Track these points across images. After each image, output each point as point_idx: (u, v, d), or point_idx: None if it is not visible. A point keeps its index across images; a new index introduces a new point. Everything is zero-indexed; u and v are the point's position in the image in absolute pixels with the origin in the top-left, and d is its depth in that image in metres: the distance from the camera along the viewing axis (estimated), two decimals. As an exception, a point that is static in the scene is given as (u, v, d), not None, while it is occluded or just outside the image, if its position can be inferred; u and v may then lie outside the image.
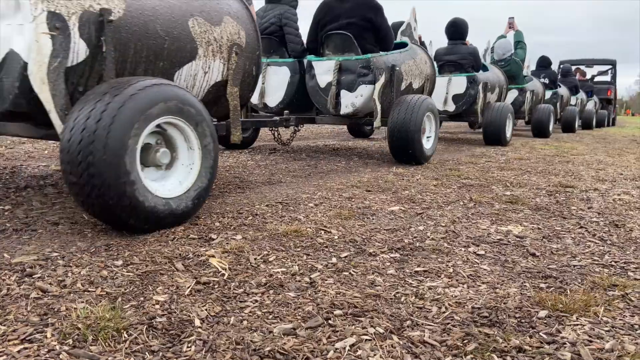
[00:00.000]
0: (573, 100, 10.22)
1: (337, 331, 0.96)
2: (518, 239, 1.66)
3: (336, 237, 1.64)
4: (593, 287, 1.21)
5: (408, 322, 1.02)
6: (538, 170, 3.42)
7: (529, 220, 1.94)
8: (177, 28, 1.94)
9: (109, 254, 1.38)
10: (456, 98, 5.37)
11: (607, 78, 14.89)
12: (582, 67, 13.45)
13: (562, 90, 9.36)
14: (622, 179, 3.05)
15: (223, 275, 1.25)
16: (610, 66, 14.84)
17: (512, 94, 6.73)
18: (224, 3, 2.24)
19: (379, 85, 3.50)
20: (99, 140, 1.38)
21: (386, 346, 0.91)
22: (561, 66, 12.02)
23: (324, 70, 3.65)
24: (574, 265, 1.39)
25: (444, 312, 1.07)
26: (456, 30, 5.51)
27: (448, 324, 1.02)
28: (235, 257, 1.39)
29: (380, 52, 3.64)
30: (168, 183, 1.71)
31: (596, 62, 14.73)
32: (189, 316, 1.02)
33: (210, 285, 1.19)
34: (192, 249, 1.44)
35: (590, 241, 1.64)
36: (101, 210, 1.47)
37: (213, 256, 1.37)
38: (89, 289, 1.15)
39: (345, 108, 3.62)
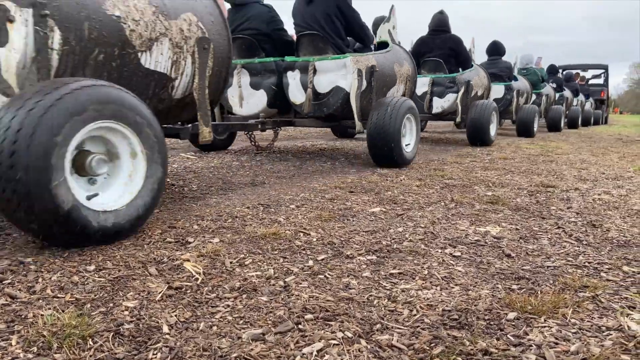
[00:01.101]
0: (575, 102, 12.03)
1: (306, 336, 0.96)
2: (495, 239, 1.67)
3: (315, 239, 1.64)
4: (564, 289, 1.22)
5: (378, 326, 1.02)
6: (521, 170, 3.44)
7: (507, 220, 1.95)
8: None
9: (82, 259, 1.37)
10: (496, 101, 6.51)
11: (601, 81, 16.78)
12: (580, 72, 15.14)
13: (567, 93, 11.28)
14: (604, 179, 3.08)
15: (197, 279, 1.25)
16: (603, 70, 16.65)
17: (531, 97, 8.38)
18: None
19: (460, 93, 5.33)
20: (22, 141, 1.25)
21: (353, 351, 0.91)
22: (564, 72, 13.54)
23: (421, 84, 5.25)
24: (548, 266, 1.40)
25: (414, 315, 1.07)
26: (496, 48, 7.32)
27: (418, 327, 1.02)
28: (211, 261, 1.38)
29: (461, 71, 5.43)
30: (106, 194, 1.54)
31: (590, 66, 16.62)
32: (158, 322, 1.01)
33: (183, 290, 1.18)
34: (167, 253, 1.43)
35: (566, 242, 1.66)
36: (22, 218, 1.31)
37: (188, 260, 1.37)
38: (59, 295, 1.14)
39: (436, 109, 5.41)
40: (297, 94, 3.64)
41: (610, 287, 1.24)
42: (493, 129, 5.39)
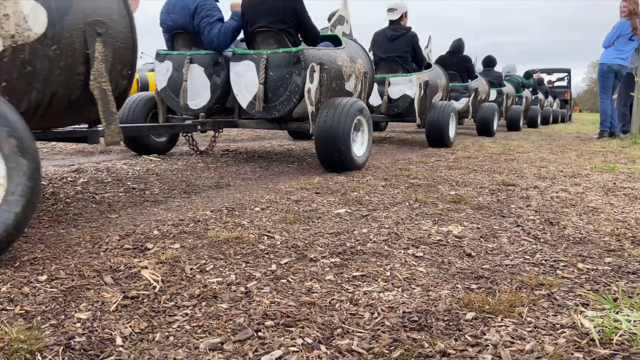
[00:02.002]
0: (546, 103, 14.31)
1: (266, 344, 0.95)
2: (457, 239, 1.70)
3: (279, 242, 1.62)
4: (521, 287, 1.25)
5: (339, 330, 1.01)
6: (484, 168, 3.52)
7: (469, 219, 1.98)
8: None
9: (34, 269, 1.31)
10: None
11: (564, 83, 19.17)
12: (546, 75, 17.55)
13: (540, 95, 13.49)
14: (562, 176, 3.18)
15: (154, 287, 1.21)
16: (566, 74, 19.08)
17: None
18: None
19: (471, 98, 7.38)
20: None
21: (313, 357, 0.90)
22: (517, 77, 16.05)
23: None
24: (506, 265, 1.43)
25: (375, 318, 1.07)
26: (489, 61, 9.36)
27: (378, 330, 1.02)
28: (170, 267, 1.35)
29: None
30: None
31: (555, 70, 19.05)
32: (111, 334, 0.98)
33: (139, 299, 1.15)
34: (124, 261, 1.39)
35: (524, 240, 1.70)
36: None
37: (146, 267, 1.33)
38: (8, 308, 1.08)
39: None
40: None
41: (565, 284, 1.28)
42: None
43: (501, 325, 1.03)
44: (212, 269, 1.36)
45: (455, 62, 7.31)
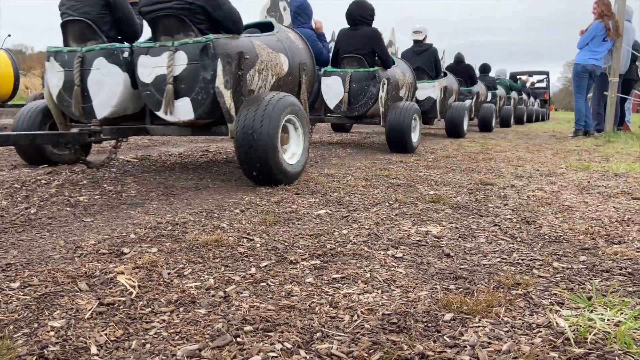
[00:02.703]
0: (530, 103, 15.95)
1: (244, 349, 0.94)
2: (436, 239, 1.71)
3: (258, 245, 1.61)
4: (498, 287, 1.26)
5: (318, 334, 1.01)
6: (462, 168, 3.56)
7: (448, 219, 2.00)
8: None
9: (6, 275, 1.28)
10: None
11: (544, 84, 20.72)
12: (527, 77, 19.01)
13: (524, 96, 14.84)
14: (538, 175, 3.23)
15: (131, 293, 1.19)
16: (545, 76, 20.78)
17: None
18: None
19: (474, 100, 8.93)
20: None
21: (292, 362, 0.90)
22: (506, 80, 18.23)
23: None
24: (484, 265, 1.44)
25: (355, 321, 1.07)
26: (484, 68, 10.60)
27: (358, 333, 1.02)
28: (147, 272, 1.33)
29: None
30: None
31: (535, 73, 20.44)
32: (86, 343, 0.96)
33: (115, 306, 1.12)
34: (100, 266, 1.36)
35: (501, 239, 1.72)
36: None
37: (122, 273, 1.31)
38: (-23, 318, 1.05)
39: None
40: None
41: (541, 283, 1.30)
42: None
43: (479, 326, 1.04)
44: (191, 273, 1.34)
45: (461, 69, 8.69)
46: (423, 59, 6.74)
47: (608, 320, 1.05)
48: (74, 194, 2.37)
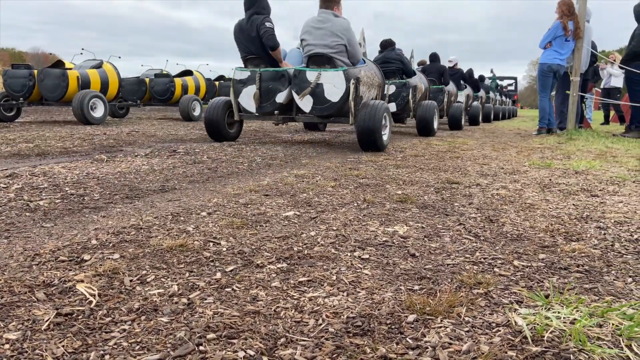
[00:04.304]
0: (504, 103, 19.27)
1: (207, 358, 0.93)
2: (402, 239, 1.73)
3: (225, 249, 1.60)
4: (460, 286, 1.29)
5: (282, 340, 1.01)
6: (430, 167, 3.61)
7: (415, 219, 2.03)
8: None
9: (-43, 287, 1.22)
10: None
11: (513, 87, 26.80)
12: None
13: (503, 97, 18.21)
14: (502, 173, 3.31)
15: (90, 303, 1.16)
16: (513, 81, 27.15)
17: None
18: None
19: (446, 99, 9.81)
20: None
21: (255, 369, 0.89)
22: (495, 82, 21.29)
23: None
24: (448, 264, 1.47)
25: (320, 325, 1.08)
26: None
27: (322, 337, 1.02)
28: (108, 280, 1.30)
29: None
30: None
31: (505, 78, 26.42)
32: (42, 355, 0.93)
33: (73, 316, 1.09)
34: (59, 274, 1.32)
35: (465, 238, 1.76)
36: None
37: (82, 281, 1.27)
38: None
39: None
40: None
41: (501, 282, 1.33)
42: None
43: (440, 327, 1.06)
44: (154, 279, 1.32)
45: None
46: (454, 79, 10.10)
47: (564, 318, 1.09)
48: (33, 198, 2.29)
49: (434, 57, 9.68)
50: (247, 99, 5.03)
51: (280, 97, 4.93)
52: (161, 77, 10.41)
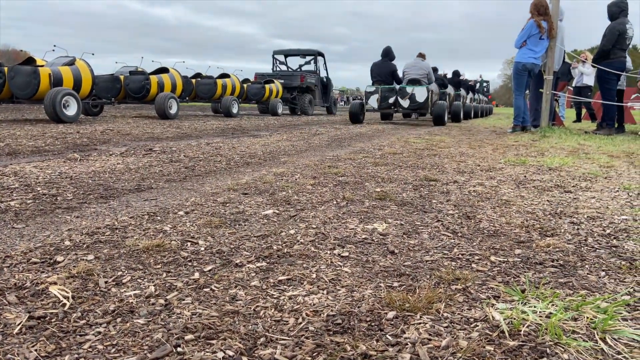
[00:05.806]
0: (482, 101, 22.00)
1: (185, 359, 0.91)
2: (381, 236, 1.74)
3: (203, 248, 1.58)
4: (439, 282, 1.30)
5: (262, 340, 1.00)
6: (408, 164, 3.64)
7: (394, 216, 2.04)
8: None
9: None
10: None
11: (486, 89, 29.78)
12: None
13: (481, 96, 19.99)
14: (479, 170, 3.36)
15: (64, 305, 1.13)
16: (487, 82, 30.36)
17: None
18: None
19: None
20: None
21: (234, 370, 0.88)
22: (477, 83, 24.11)
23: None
24: (426, 261, 1.48)
25: (300, 324, 1.07)
26: (456, 74, 15.28)
27: (302, 336, 1.02)
28: (82, 282, 1.26)
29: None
30: None
31: (481, 81, 29.10)
32: (13, 361, 0.90)
33: (47, 319, 1.06)
34: (31, 276, 1.28)
35: (443, 235, 1.77)
36: None
37: (55, 283, 1.24)
38: None
39: None
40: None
41: (479, 277, 1.35)
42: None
43: (420, 323, 1.06)
44: (130, 281, 1.29)
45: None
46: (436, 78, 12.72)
47: (540, 312, 1.11)
48: (4, 198, 2.22)
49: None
50: (373, 101, 10.40)
51: (391, 100, 10.30)
52: (136, 74, 10.23)
